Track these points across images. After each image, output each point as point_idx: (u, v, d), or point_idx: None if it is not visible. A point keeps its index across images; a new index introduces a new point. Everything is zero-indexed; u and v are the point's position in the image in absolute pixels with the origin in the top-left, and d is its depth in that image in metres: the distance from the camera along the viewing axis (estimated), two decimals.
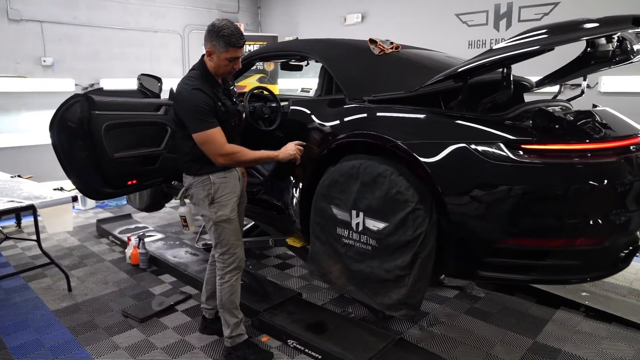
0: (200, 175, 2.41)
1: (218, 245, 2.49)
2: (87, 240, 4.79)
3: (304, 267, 4.04)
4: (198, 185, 2.43)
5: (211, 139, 2.25)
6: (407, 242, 2.20)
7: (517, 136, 2.04)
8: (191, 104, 2.22)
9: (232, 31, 2.22)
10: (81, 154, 2.72)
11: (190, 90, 2.24)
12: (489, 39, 5.35)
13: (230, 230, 2.46)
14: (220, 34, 2.21)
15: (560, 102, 2.77)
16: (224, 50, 2.23)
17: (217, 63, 2.28)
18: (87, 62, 6.12)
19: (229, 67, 2.30)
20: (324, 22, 7.00)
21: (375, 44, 2.73)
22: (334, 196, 2.47)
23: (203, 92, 2.23)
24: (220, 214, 2.42)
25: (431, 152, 2.13)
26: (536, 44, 2.00)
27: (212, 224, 2.44)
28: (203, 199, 2.43)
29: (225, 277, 2.52)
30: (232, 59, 2.27)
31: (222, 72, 2.34)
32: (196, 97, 2.22)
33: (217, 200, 2.42)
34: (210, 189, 2.40)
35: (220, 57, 2.25)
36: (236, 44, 2.23)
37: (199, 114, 2.22)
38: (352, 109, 2.55)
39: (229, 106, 2.38)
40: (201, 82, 2.27)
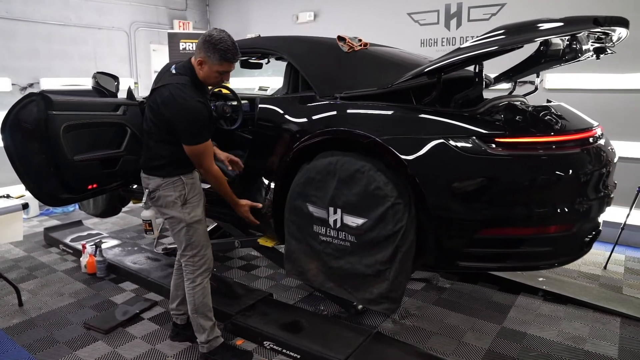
0: (170, 177, 2.35)
1: (188, 247, 2.42)
2: (34, 250, 4.48)
3: (270, 267, 4.00)
4: (168, 186, 2.36)
5: (204, 152, 2.27)
6: (388, 237, 2.23)
7: (490, 130, 2.12)
8: (194, 117, 2.20)
9: (228, 46, 2.20)
10: (38, 157, 2.54)
11: (193, 102, 2.19)
12: (440, 37, 5.52)
13: (201, 231, 2.44)
14: (217, 47, 2.19)
15: (518, 98, 2.91)
16: (217, 63, 2.21)
17: (207, 73, 2.26)
18: (25, 60, 5.70)
19: (218, 79, 2.29)
20: (276, 20, 6.95)
21: (344, 41, 2.74)
22: (310, 194, 2.46)
23: (205, 105, 2.24)
24: (193, 215, 2.39)
25: (409, 147, 2.17)
26: (505, 42, 2.08)
27: (185, 226, 2.38)
28: (174, 201, 2.36)
29: (197, 280, 2.46)
30: (223, 72, 2.26)
31: (209, 83, 2.33)
32: (200, 111, 2.21)
33: (190, 201, 2.39)
34: (183, 189, 2.36)
35: (212, 68, 2.23)
36: (231, 59, 2.23)
37: (200, 128, 2.22)
38: (324, 106, 2.54)
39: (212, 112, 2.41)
40: (196, 92, 2.24)
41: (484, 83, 2.24)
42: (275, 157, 2.71)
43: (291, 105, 2.70)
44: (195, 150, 2.24)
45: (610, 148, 2.44)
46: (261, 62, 3.94)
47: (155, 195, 2.39)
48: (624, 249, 4.32)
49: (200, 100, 2.21)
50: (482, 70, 2.22)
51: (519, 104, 2.38)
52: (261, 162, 2.84)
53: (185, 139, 2.23)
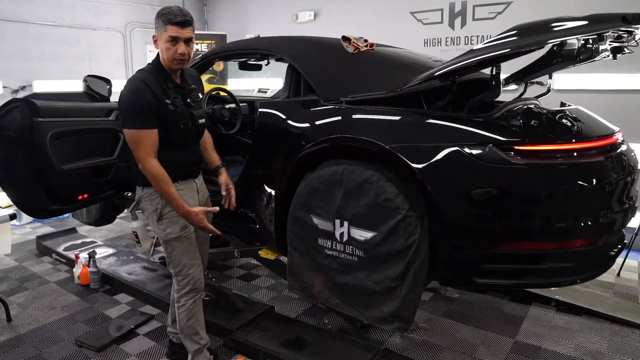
0: (148, 187, 2.17)
1: (170, 265, 2.28)
2: (26, 259, 4.32)
3: (271, 277, 3.85)
4: (146, 199, 2.20)
5: (138, 141, 2.03)
6: (399, 252, 2.08)
7: (508, 137, 1.98)
8: (129, 96, 2.02)
9: (170, 9, 2.04)
10: (23, 168, 2.38)
11: (132, 81, 2.05)
12: (444, 37, 5.37)
13: (181, 249, 2.23)
14: (160, 14, 2.05)
15: (532, 101, 2.76)
16: (163, 30, 2.03)
17: (160, 48, 2.08)
18: (16, 61, 5.54)
19: (172, 51, 2.04)
20: (275, 19, 6.79)
21: (348, 41, 2.59)
22: (315, 205, 2.31)
23: (146, 85, 2.02)
24: (168, 232, 2.19)
25: (422, 155, 2.02)
26: (523, 43, 1.94)
27: (162, 242, 2.23)
28: (151, 214, 2.20)
29: (181, 301, 2.30)
30: (172, 39, 2.03)
31: (166, 60, 2.09)
32: (136, 89, 2.01)
33: (166, 217, 2.18)
34: (158, 203, 2.17)
35: (161, 39, 2.05)
36: (173, 19, 2.01)
37: (134, 109, 2.01)
38: (329, 111, 2.39)
39: (179, 106, 2.12)
40: (150, 75, 2.07)
41: (500, 86, 2.08)
42: (277, 164, 2.55)
43: (293, 110, 2.55)
44: (127, 136, 2.05)
45: (633, 154, 2.29)
46: (260, 64, 3.80)
47: (140, 206, 2.25)
48: (637, 255, 4.18)
49: (141, 80, 2.02)
50: (500, 73, 2.07)
51: (536, 108, 2.23)
52: (261, 169, 2.69)
53: (123, 122, 2.06)
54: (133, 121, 2.01)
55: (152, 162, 2.04)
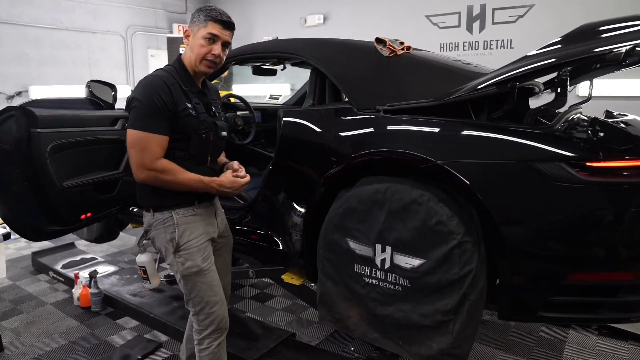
0: (160, 211, 1.86)
1: (189, 302, 1.95)
2: (21, 278, 4.02)
3: (287, 297, 3.58)
4: (159, 226, 1.88)
5: (142, 145, 1.72)
6: (452, 282, 1.82)
7: (579, 153, 1.72)
8: (143, 93, 1.75)
9: (215, 8, 1.85)
10: (19, 185, 2.10)
11: (149, 77, 1.79)
12: (462, 41, 5.15)
13: (204, 285, 1.90)
14: (203, 8, 1.85)
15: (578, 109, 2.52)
16: (202, 25, 1.80)
17: (192, 44, 1.82)
18: (12, 65, 5.27)
19: (205, 49, 1.80)
20: (282, 23, 6.56)
21: (383, 44, 2.33)
22: (351, 227, 2.05)
23: (165, 83, 1.76)
24: (188, 265, 1.87)
25: (480, 173, 1.77)
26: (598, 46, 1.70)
27: (180, 277, 1.91)
28: (166, 245, 1.88)
29: (204, 343, 1.95)
30: (210, 36, 1.79)
31: (195, 58, 1.83)
32: (153, 87, 1.75)
33: (184, 247, 1.87)
34: (174, 232, 1.85)
35: (197, 34, 1.81)
36: (217, 17, 1.80)
37: (146, 108, 1.73)
38: (365, 121, 2.13)
39: (200, 113, 1.86)
40: (170, 75, 1.81)
41: (567, 95, 1.85)
42: (305, 180, 2.29)
43: (324, 119, 2.29)
44: (130, 139, 1.75)
45: None
46: (275, 69, 3.55)
47: (150, 236, 1.93)
48: None
49: (161, 78, 1.77)
50: (567, 80, 1.82)
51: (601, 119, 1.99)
52: (286, 184, 2.42)
53: (129, 121, 1.77)
54: (142, 121, 1.72)
55: (159, 162, 1.75)
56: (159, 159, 1.75)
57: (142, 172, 1.75)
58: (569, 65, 1.81)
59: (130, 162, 1.77)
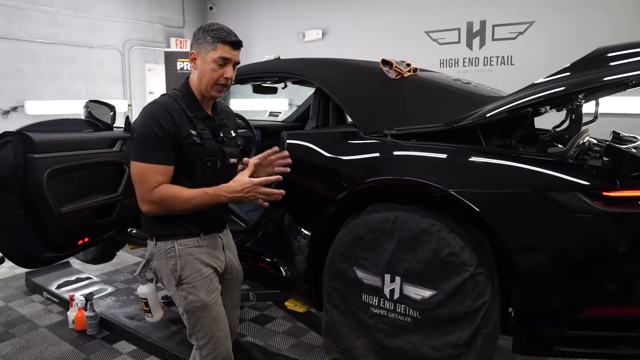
0: (163, 240, 1.78)
1: (193, 336, 1.85)
2: (14, 298, 3.91)
3: (288, 320, 3.50)
4: (161, 256, 1.79)
5: (144, 177, 1.65)
6: (464, 315, 1.76)
7: (594, 181, 1.68)
8: (145, 123, 1.68)
9: (221, 27, 1.75)
10: (14, 213, 2.03)
11: (150, 106, 1.72)
12: (461, 57, 5.14)
13: (208, 320, 1.80)
14: (208, 29, 1.74)
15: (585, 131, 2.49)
16: (211, 48, 1.71)
17: (201, 69, 1.74)
18: (7, 80, 5.21)
19: (217, 73, 1.73)
20: (281, 38, 6.54)
21: (389, 65, 2.29)
22: (359, 256, 1.99)
23: (167, 111, 1.68)
24: (191, 300, 1.77)
25: (494, 203, 1.72)
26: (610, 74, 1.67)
27: (183, 311, 1.82)
28: (168, 277, 1.79)
29: None
30: (222, 60, 1.72)
31: (206, 84, 1.75)
32: (154, 116, 1.67)
33: (186, 281, 1.77)
34: (176, 263, 1.76)
35: (205, 58, 1.73)
36: (226, 38, 1.72)
37: (147, 138, 1.66)
38: (373, 146, 2.08)
39: (206, 140, 1.77)
40: (174, 101, 1.74)
41: (581, 121, 1.81)
42: (310, 205, 2.23)
43: (329, 143, 2.23)
44: (133, 170, 1.69)
45: None
46: (276, 87, 3.51)
47: (152, 266, 1.85)
48: None
49: (163, 106, 1.69)
50: (582, 106, 1.78)
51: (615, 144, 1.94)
52: (290, 209, 2.36)
53: (132, 149, 1.71)
54: (144, 153, 1.66)
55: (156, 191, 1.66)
56: (154, 188, 1.66)
57: (144, 204, 1.69)
58: (581, 93, 1.77)
59: (136, 194, 1.70)
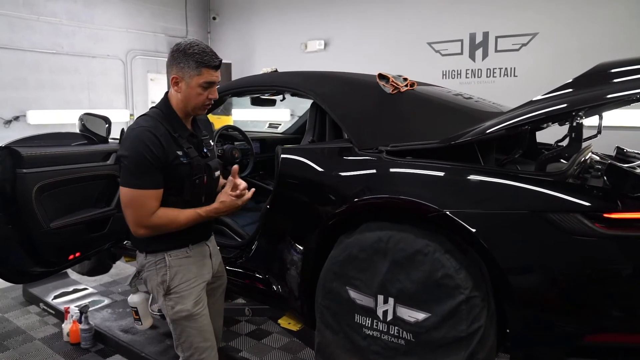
0: (152, 253, 1.81)
1: (179, 347, 1.89)
2: (10, 309, 3.88)
3: (284, 334, 3.43)
4: (151, 268, 1.83)
5: (138, 203, 1.66)
6: (459, 339, 1.70)
7: (595, 203, 1.62)
8: (132, 149, 1.66)
9: (202, 48, 1.72)
10: (2, 228, 2.00)
11: (136, 130, 1.69)
12: (464, 69, 5.10)
13: (193, 330, 1.83)
14: (189, 52, 1.69)
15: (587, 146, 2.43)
16: (195, 73, 1.70)
17: (186, 94, 1.73)
18: (10, 90, 5.22)
19: (203, 97, 1.74)
20: (283, 48, 6.53)
21: (386, 80, 2.26)
22: (352, 276, 1.94)
23: (154, 136, 1.67)
24: (178, 309, 1.81)
25: (491, 223, 1.67)
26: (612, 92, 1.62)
27: (170, 321, 1.85)
28: (157, 287, 1.82)
29: None
30: (206, 84, 1.73)
31: (193, 107, 1.77)
32: (141, 141, 1.66)
33: (175, 290, 1.81)
34: (165, 274, 1.80)
35: (190, 83, 1.71)
36: (210, 62, 1.71)
37: (137, 165, 1.65)
38: (367, 163, 2.03)
39: (194, 158, 1.79)
40: (157, 123, 1.72)
41: (581, 140, 1.76)
42: (303, 222, 2.19)
43: (324, 158, 2.19)
44: (124, 196, 1.68)
45: None
46: (274, 99, 3.48)
47: (142, 276, 1.89)
48: None
49: (148, 129, 1.67)
50: (582, 125, 1.73)
51: (616, 162, 1.89)
52: (283, 225, 2.31)
53: (120, 178, 1.69)
54: (135, 179, 1.66)
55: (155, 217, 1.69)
56: (152, 214, 1.69)
57: (140, 229, 1.70)
58: (582, 111, 1.72)
59: (127, 219, 1.69)
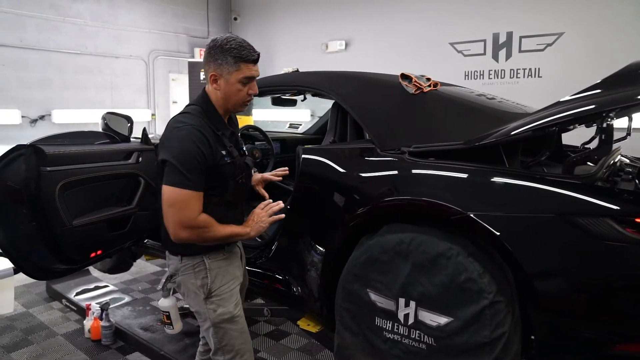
0: (190, 257, 1.76)
1: (219, 351, 1.82)
2: (34, 304, 3.96)
3: (303, 335, 3.42)
4: (188, 271, 1.77)
5: (184, 203, 1.58)
6: (482, 345, 1.66)
7: (625, 206, 1.56)
8: (183, 148, 1.58)
9: (239, 43, 1.65)
10: (26, 225, 2.03)
11: (184, 129, 1.61)
12: (487, 69, 5.02)
13: (235, 332, 1.80)
14: (226, 47, 1.64)
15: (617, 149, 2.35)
16: (234, 68, 1.64)
17: (226, 90, 1.68)
18: (36, 90, 5.34)
19: (243, 93, 1.69)
20: (303, 49, 6.53)
21: (409, 80, 2.22)
22: (373, 278, 1.91)
23: (202, 134, 1.61)
24: (220, 312, 1.77)
25: (517, 227, 1.62)
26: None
27: (211, 325, 1.79)
28: (196, 292, 1.77)
29: None
30: (246, 80, 1.67)
31: (233, 104, 1.72)
32: (190, 140, 1.58)
33: (216, 293, 1.77)
34: (206, 277, 1.76)
35: (229, 80, 1.66)
36: (248, 57, 1.65)
37: (188, 165, 1.57)
38: (389, 164, 2.00)
39: (236, 157, 1.75)
40: (202, 122, 1.66)
41: (612, 142, 1.70)
42: (324, 223, 2.17)
43: (345, 159, 2.17)
44: (168, 196, 1.58)
45: None
46: (295, 99, 3.47)
47: (176, 280, 1.83)
48: None
49: (196, 128, 1.61)
50: (613, 126, 1.68)
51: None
52: (304, 226, 2.30)
53: (165, 177, 1.60)
54: (183, 178, 1.56)
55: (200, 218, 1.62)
56: (198, 215, 1.62)
57: (183, 231, 1.61)
58: (612, 112, 1.66)
59: (166, 220, 1.61)
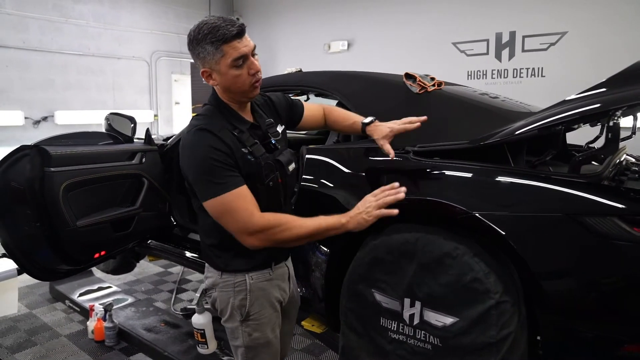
0: (231, 273, 1.58)
1: None
2: (37, 305, 3.96)
3: (306, 336, 3.41)
4: (227, 288, 1.59)
5: (229, 208, 1.40)
6: (488, 345, 1.65)
7: (632, 205, 1.55)
8: (193, 156, 1.43)
9: (212, 24, 1.40)
10: (30, 226, 2.03)
11: (193, 133, 1.45)
12: (490, 69, 5.01)
13: (267, 356, 1.65)
14: (200, 36, 1.41)
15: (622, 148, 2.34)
16: (219, 55, 1.41)
17: (224, 82, 1.46)
18: (39, 91, 5.35)
19: (243, 76, 1.44)
20: (306, 49, 6.53)
21: (413, 79, 2.21)
22: (378, 278, 1.90)
23: (212, 134, 1.42)
24: (256, 337, 1.61)
25: (523, 227, 1.61)
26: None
27: (242, 346, 1.63)
28: (232, 312, 1.60)
29: None
30: (237, 60, 1.41)
31: (240, 92, 1.49)
32: (201, 145, 1.41)
33: (254, 317, 1.60)
34: (245, 298, 1.57)
35: (220, 69, 1.43)
36: (227, 35, 1.38)
37: (206, 172, 1.40)
38: (394, 164, 2.00)
39: (261, 155, 1.52)
40: (212, 121, 1.48)
41: (619, 140, 1.69)
42: None
43: (351, 159, 2.16)
44: (212, 209, 1.43)
45: None
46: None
47: (212, 295, 1.67)
48: None
49: (203, 128, 1.43)
50: (619, 125, 1.67)
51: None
52: None
53: (198, 194, 1.45)
54: (212, 186, 1.40)
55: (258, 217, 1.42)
56: (254, 213, 1.42)
57: (249, 238, 1.44)
58: (619, 110, 1.65)
59: (231, 232, 1.46)
